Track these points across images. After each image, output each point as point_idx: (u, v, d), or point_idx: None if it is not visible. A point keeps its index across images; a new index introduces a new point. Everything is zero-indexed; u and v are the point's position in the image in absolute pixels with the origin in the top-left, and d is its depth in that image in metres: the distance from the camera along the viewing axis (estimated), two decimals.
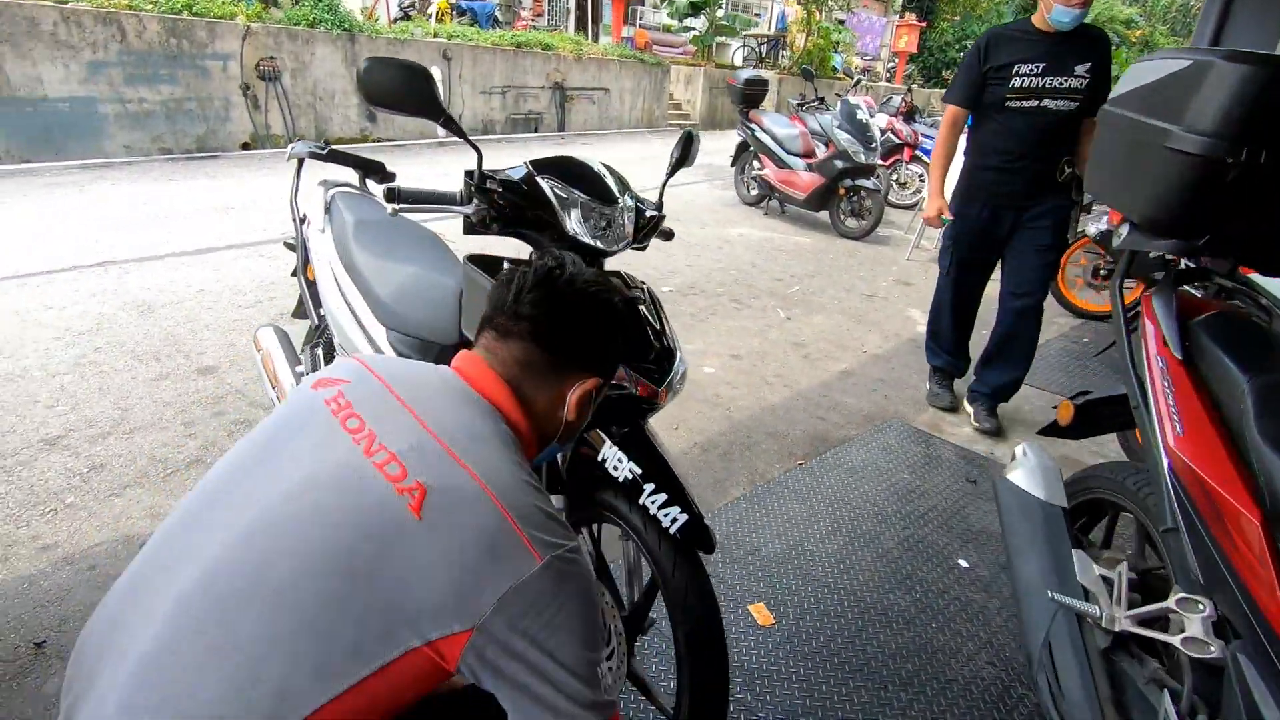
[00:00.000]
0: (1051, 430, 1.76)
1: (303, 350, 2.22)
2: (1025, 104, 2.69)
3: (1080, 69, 2.61)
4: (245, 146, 7.62)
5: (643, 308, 1.44)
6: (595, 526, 1.47)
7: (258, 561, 0.76)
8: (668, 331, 1.47)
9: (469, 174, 1.37)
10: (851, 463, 2.75)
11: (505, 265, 1.41)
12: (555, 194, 1.36)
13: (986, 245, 2.98)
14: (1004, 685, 1.79)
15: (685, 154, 1.59)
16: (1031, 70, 2.64)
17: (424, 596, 0.75)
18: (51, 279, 3.79)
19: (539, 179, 1.37)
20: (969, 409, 3.19)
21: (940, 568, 2.21)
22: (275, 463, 0.84)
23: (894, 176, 7.63)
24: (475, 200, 1.35)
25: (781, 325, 4.15)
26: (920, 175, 7.55)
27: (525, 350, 0.94)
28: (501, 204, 1.37)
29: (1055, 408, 1.72)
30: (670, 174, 1.58)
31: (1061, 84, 2.63)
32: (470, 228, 1.40)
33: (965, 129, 3.00)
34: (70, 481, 2.24)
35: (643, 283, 1.52)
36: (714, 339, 3.84)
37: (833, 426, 3.04)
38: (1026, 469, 1.66)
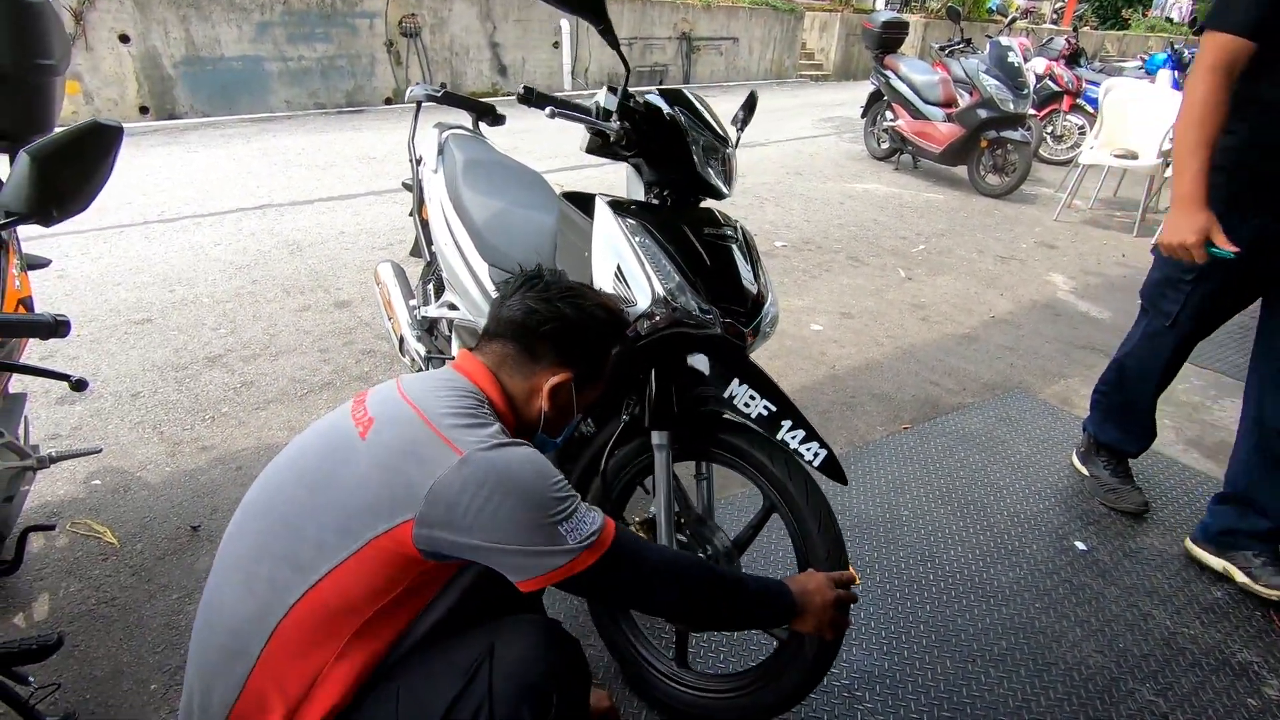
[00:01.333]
0: None
1: (417, 286, 2.37)
2: None
3: None
4: (388, 101, 8.10)
5: (734, 247, 1.41)
6: (704, 465, 1.49)
7: (264, 488, 1.02)
8: (761, 275, 1.44)
9: (612, 89, 1.38)
10: (963, 431, 2.59)
11: (597, 201, 1.42)
12: (690, 129, 1.36)
13: (1245, 284, 1.82)
14: (1112, 677, 1.65)
15: (749, 115, 1.61)
16: None
17: (366, 498, 0.92)
18: (221, 219, 4.26)
19: (675, 109, 1.37)
20: (1232, 571, 1.93)
21: (1052, 547, 2.05)
22: (305, 436, 1.07)
23: (1048, 128, 6.90)
24: (617, 117, 1.36)
25: (900, 285, 3.92)
26: (1080, 127, 6.76)
27: (504, 345, 1.11)
28: (644, 127, 1.37)
29: None
30: (738, 136, 1.56)
31: None
32: (596, 147, 1.42)
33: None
34: (226, 394, 2.55)
35: (736, 221, 1.48)
36: (825, 296, 3.69)
37: (946, 393, 2.86)
38: None
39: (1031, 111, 5.80)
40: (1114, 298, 3.89)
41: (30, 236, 3.68)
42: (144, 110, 6.70)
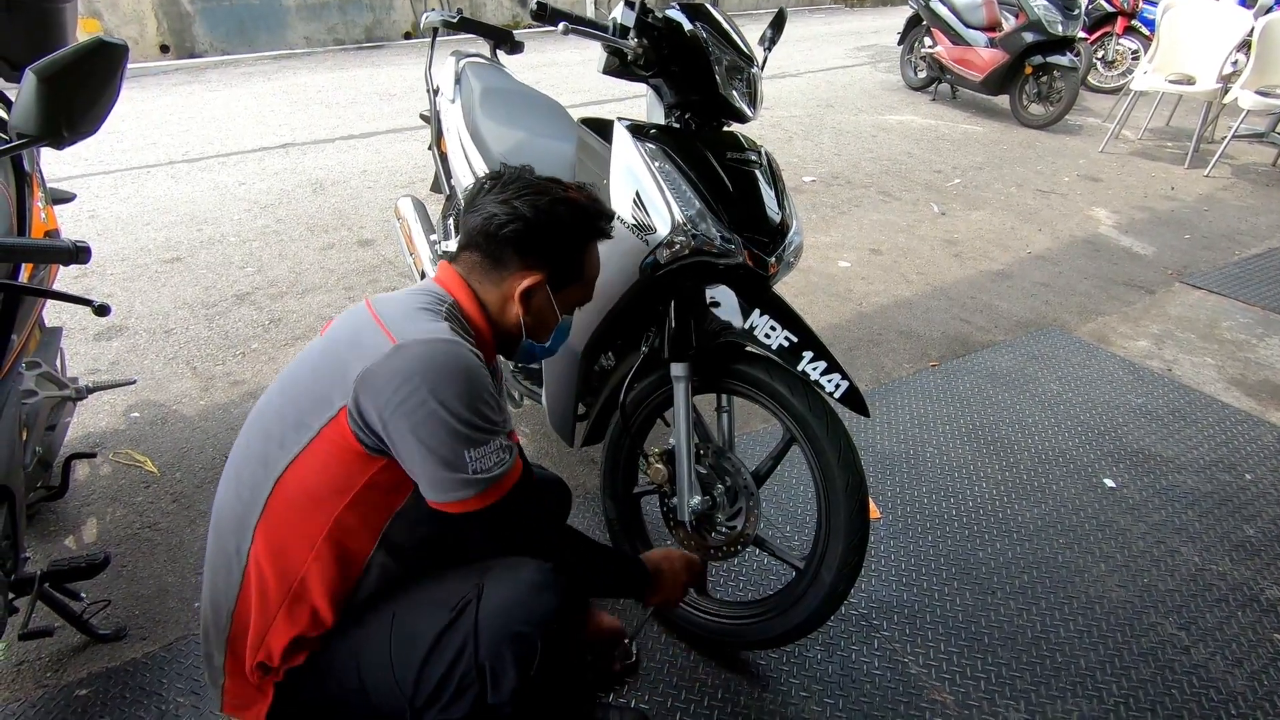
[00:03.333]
0: None
1: (438, 221, 2.35)
2: None
3: None
4: (407, 36, 7.90)
5: (758, 172, 1.36)
6: (724, 397, 1.48)
7: (256, 405, 1.05)
8: (785, 202, 1.39)
9: (629, 4, 1.30)
10: (993, 368, 2.53)
11: (616, 125, 1.37)
12: (712, 47, 1.29)
13: None
14: (1135, 610, 1.64)
15: (777, 34, 1.53)
16: None
17: (313, 388, 0.95)
18: (244, 158, 4.25)
19: (695, 25, 1.30)
20: None
21: (1080, 485, 2.02)
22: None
23: (1098, 53, 6.49)
24: (635, 34, 1.29)
25: (933, 221, 3.79)
26: (1134, 52, 6.35)
27: (472, 254, 1.08)
28: (664, 45, 1.31)
29: None
30: (765, 56, 1.47)
31: None
32: (613, 68, 1.36)
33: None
34: (255, 331, 2.59)
35: (760, 146, 1.42)
36: (854, 232, 3.59)
37: (977, 330, 2.79)
38: None
39: (1082, 35, 5.44)
40: (1159, 233, 3.72)
41: (58, 177, 3.72)
42: (164, 49, 6.63)
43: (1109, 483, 2.03)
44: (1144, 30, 6.17)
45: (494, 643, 0.93)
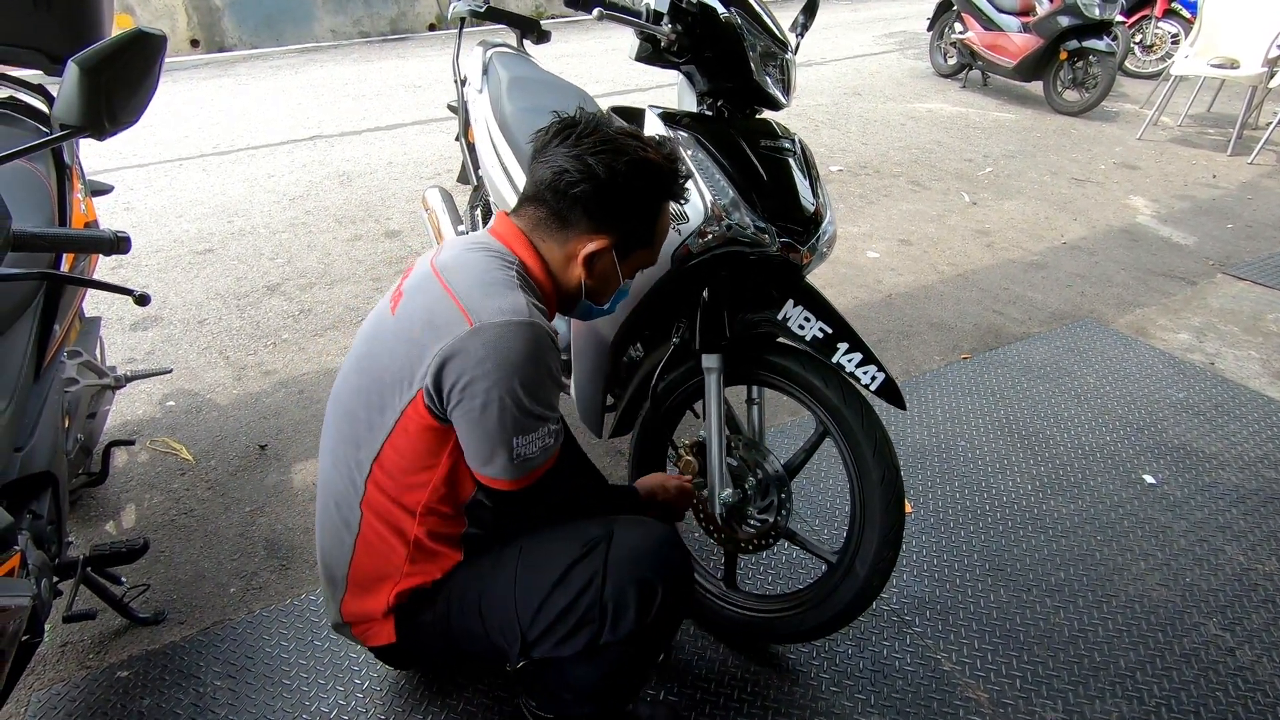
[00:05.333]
0: None
1: (465, 211, 2.35)
2: None
3: None
4: (431, 27, 7.92)
5: (791, 160, 1.34)
6: (754, 389, 1.46)
7: (338, 379, 1.10)
8: (819, 191, 1.36)
9: None
10: (1027, 361, 2.48)
11: (647, 113, 1.36)
12: (746, 32, 1.27)
13: None
14: (1176, 610, 1.60)
15: (810, 19, 1.50)
16: None
17: (394, 370, 0.95)
18: (273, 151, 4.30)
19: (730, 10, 1.28)
20: None
21: (1119, 480, 1.97)
22: (366, 320, 1.12)
23: (1136, 37, 6.30)
24: (668, 20, 1.27)
25: (964, 210, 3.71)
26: (1174, 36, 6.15)
27: (537, 208, 1.03)
28: (697, 31, 1.28)
29: None
30: (798, 42, 1.44)
31: None
32: (646, 55, 1.34)
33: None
34: (285, 321, 2.62)
35: (794, 134, 1.40)
36: (883, 222, 3.53)
37: (1010, 322, 2.73)
38: None
39: (1119, 18, 5.27)
40: (1200, 222, 3.61)
41: (94, 170, 3.79)
42: (194, 44, 6.73)
43: (1149, 479, 1.98)
44: (1184, 13, 5.98)
45: (621, 582, 0.98)
